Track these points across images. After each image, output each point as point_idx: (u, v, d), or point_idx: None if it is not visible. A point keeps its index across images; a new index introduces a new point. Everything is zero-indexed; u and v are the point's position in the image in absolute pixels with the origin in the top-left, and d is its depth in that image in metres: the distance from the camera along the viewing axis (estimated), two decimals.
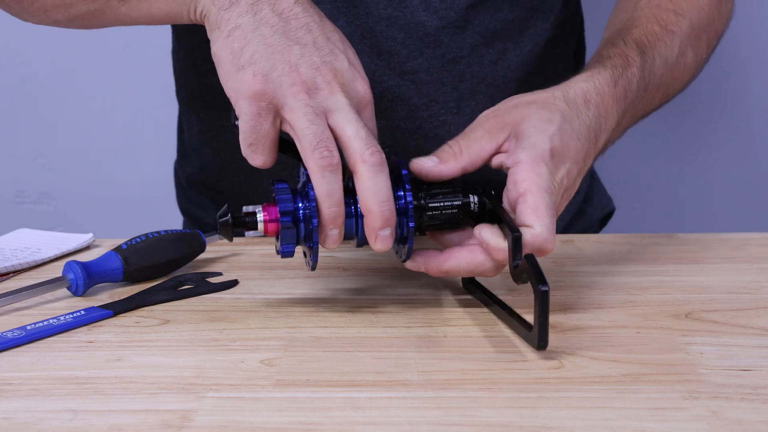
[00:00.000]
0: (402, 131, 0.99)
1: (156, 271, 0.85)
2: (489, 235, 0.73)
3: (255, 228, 0.74)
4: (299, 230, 0.73)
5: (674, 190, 1.57)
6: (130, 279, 0.84)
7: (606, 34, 0.96)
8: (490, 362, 0.69)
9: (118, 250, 0.84)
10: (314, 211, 0.72)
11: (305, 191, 0.73)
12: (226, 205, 0.75)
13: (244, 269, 0.88)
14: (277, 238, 0.75)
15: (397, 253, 0.77)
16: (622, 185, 1.44)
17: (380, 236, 0.71)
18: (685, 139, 1.54)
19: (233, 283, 0.84)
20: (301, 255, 0.79)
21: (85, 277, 0.81)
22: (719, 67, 1.43)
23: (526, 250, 0.71)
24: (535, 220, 0.72)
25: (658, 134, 1.52)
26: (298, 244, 0.74)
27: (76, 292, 0.81)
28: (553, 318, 0.76)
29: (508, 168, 0.75)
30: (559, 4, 1.03)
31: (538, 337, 0.68)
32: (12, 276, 0.88)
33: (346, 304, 0.79)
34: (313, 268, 0.75)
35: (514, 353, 0.70)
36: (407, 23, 0.97)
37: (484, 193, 0.75)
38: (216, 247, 0.95)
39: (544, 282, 0.68)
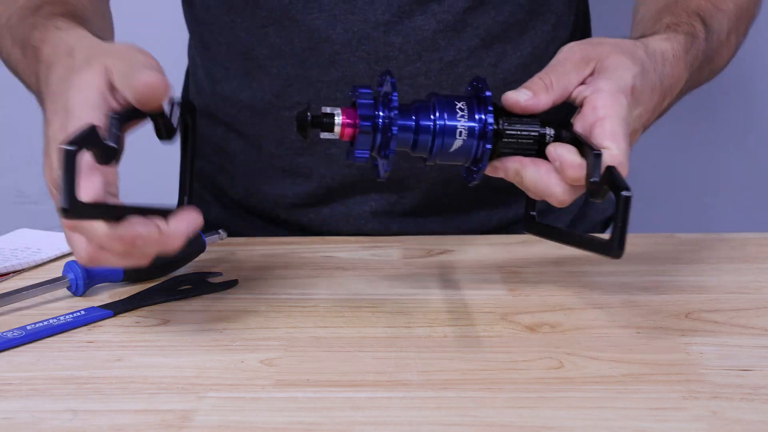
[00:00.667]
0: None
1: (156, 271, 0.85)
2: (564, 151, 0.72)
3: (331, 130, 0.72)
4: (376, 137, 0.72)
5: (674, 190, 1.57)
6: (130, 279, 0.84)
7: (648, 8, 0.94)
8: (490, 362, 0.69)
9: None
10: (394, 120, 0.71)
11: (388, 99, 0.72)
12: (306, 104, 0.73)
13: (244, 269, 0.88)
14: (352, 143, 0.73)
15: (465, 175, 0.76)
16: None
17: None
18: (684, 139, 1.54)
19: (233, 283, 0.84)
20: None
21: (85, 277, 0.81)
22: None
23: (604, 163, 0.70)
24: (613, 144, 0.71)
25: (657, 133, 1.52)
26: (372, 151, 0.73)
27: (76, 292, 0.81)
28: (553, 318, 0.76)
29: (584, 97, 0.74)
30: (561, 5, 1.03)
31: (616, 242, 0.68)
32: (12, 276, 0.88)
33: (346, 304, 0.79)
34: (384, 178, 0.74)
35: (514, 353, 0.70)
36: (404, 28, 0.97)
37: (562, 124, 0.74)
38: (216, 247, 0.95)
39: (627, 188, 0.67)
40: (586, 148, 0.71)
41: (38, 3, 0.86)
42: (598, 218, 1.13)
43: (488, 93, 0.73)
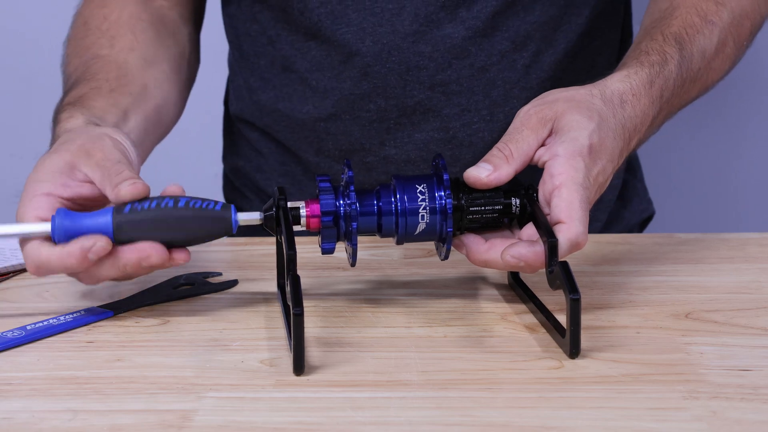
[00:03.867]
0: (436, 142, 1.00)
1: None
2: (520, 251, 0.72)
3: (298, 223, 0.75)
4: (339, 228, 0.75)
5: (674, 190, 1.57)
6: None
7: (645, 21, 0.94)
8: (490, 362, 0.69)
9: (117, 211, 0.73)
10: (355, 211, 0.74)
11: (347, 192, 0.74)
12: (271, 200, 0.76)
13: (244, 269, 0.88)
14: (319, 233, 0.76)
15: (437, 250, 0.78)
16: None
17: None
18: (684, 139, 1.54)
19: (233, 283, 0.84)
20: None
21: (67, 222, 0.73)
22: None
23: (561, 246, 0.70)
24: (570, 215, 0.72)
25: (658, 134, 1.52)
26: (338, 241, 0.76)
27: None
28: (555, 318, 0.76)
29: (545, 162, 0.75)
30: None
31: (570, 344, 0.69)
32: (12, 276, 0.88)
33: (346, 304, 0.80)
34: (353, 265, 0.76)
35: (514, 353, 0.70)
36: (433, 37, 0.97)
37: (526, 195, 0.75)
38: (216, 247, 0.95)
39: (575, 290, 0.68)
40: (541, 233, 0.72)
41: (81, 71, 1.04)
42: (634, 220, 1.12)
43: (446, 175, 0.74)
